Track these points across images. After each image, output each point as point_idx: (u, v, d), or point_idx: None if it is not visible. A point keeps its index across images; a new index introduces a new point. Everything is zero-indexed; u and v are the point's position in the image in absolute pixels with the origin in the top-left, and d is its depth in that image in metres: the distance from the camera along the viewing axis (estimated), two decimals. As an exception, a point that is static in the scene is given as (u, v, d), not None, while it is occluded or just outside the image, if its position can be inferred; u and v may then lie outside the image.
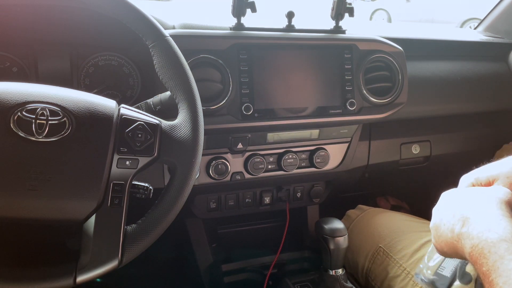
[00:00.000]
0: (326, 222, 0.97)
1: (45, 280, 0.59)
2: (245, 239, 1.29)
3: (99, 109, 0.62)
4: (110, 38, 0.97)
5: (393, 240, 1.01)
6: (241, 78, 0.92)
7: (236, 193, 1.13)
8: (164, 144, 0.65)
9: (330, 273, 0.97)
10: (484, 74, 1.35)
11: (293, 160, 1.06)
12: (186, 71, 0.70)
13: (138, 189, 0.66)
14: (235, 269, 1.16)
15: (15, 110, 0.58)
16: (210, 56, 0.90)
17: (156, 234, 0.64)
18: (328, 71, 1.00)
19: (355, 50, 1.02)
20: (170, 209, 0.64)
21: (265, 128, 0.99)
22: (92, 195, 0.60)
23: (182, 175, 0.65)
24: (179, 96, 0.69)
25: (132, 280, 1.28)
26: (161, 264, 1.40)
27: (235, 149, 1.01)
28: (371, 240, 1.05)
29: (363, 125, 1.16)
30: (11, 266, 0.60)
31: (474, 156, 1.42)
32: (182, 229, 1.22)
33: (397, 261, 0.96)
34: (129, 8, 0.69)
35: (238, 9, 0.95)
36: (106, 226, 0.61)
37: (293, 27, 1.00)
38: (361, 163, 1.22)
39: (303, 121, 0.99)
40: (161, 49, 0.69)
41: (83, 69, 0.98)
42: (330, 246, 0.95)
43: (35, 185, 0.57)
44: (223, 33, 0.94)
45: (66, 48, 0.96)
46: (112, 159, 0.61)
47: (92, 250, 0.60)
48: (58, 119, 0.59)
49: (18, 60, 0.94)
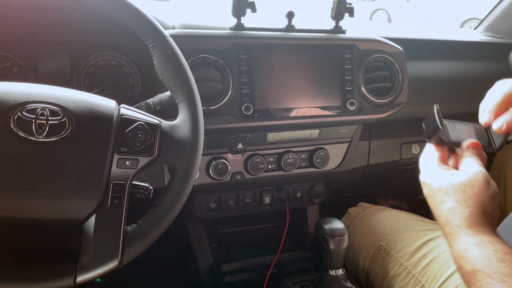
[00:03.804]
0: (326, 222, 0.97)
1: (45, 280, 0.59)
2: (245, 239, 1.29)
3: (99, 109, 0.62)
4: (110, 38, 0.97)
5: (394, 239, 1.01)
6: (241, 78, 0.92)
7: (236, 193, 1.13)
8: (164, 144, 0.65)
9: (330, 273, 0.97)
10: (484, 74, 1.35)
11: (293, 160, 1.06)
12: (186, 71, 0.70)
13: (138, 189, 0.66)
14: (235, 269, 1.16)
15: (15, 110, 0.58)
16: (210, 56, 0.90)
17: (156, 234, 0.64)
18: (328, 71, 1.00)
19: (355, 50, 1.02)
20: (170, 209, 0.65)
21: (265, 128, 0.99)
22: (92, 195, 0.60)
23: (182, 175, 0.65)
24: (179, 96, 0.69)
25: (132, 280, 1.28)
26: (161, 264, 1.40)
27: (235, 149, 1.01)
28: (372, 239, 1.05)
29: (363, 125, 1.16)
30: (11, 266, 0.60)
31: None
32: (182, 229, 1.22)
33: (398, 260, 0.96)
34: (129, 8, 0.69)
35: (238, 9, 0.95)
36: (106, 226, 0.61)
37: (293, 27, 1.00)
38: (361, 163, 1.21)
39: (303, 121, 0.99)
40: (161, 49, 0.69)
41: (83, 69, 0.98)
42: (330, 246, 0.95)
43: (35, 185, 0.57)
44: (223, 33, 0.94)
45: (66, 48, 0.96)
46: (112, 159, 0.61)
47: (92, 250, 0.60)
48: (58, 119, 0.59)
49: (18, 60, 0.94)
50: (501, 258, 0.52)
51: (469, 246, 0.55)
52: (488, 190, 0.58)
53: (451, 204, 0.59)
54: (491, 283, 0.50)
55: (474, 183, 0.58)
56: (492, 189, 0.59)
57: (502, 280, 0.50)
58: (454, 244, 0.57)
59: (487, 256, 0.53)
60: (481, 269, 0.52)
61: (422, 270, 0.91)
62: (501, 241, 0.55)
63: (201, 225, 1.22)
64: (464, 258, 0.55)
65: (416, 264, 0.92)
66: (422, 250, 0.94)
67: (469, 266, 0.54)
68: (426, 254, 0.93)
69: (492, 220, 0.58)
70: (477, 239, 0.55)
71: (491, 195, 0.58)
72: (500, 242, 0.55)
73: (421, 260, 0.92)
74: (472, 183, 0.58)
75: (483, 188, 0.58)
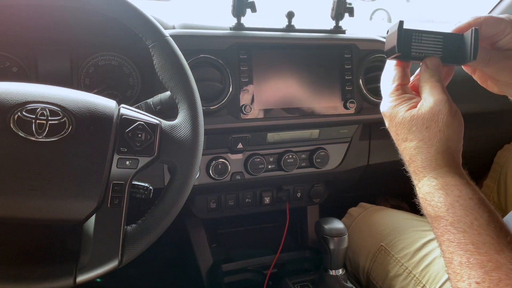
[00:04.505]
0: (326, 222, 0.97)
1: (45, 280, 0.59)
2: (245, 239, 1.29)
3: (99, 109, 0.62)
4: (110, 38, 0.97)
5: (394, 239, 1.01)
6: (241, 78, 0.92)
7: (236, 193, 1.13)
8: (164, 144, 0.65)
9: (330, 273, 0.97)
10: (484, 74, 1.34)
11: (293, 160, 1.06)
12: (186, 71, 0.70)
13: (138, 189, 0.66)
14: (235, 269, 1.16)
15: (15, 110, 0.58)
16: (210, 56, 0.90)
17: (156, 234, 0.64)
18: (328, 71, 1.00)
19: (355, 50, 1.02)
20: (170, 209, 0.64)
21: (265, 128, 0.99)
22: (92, 195, 0.59)
23: (182, 175, 0.65)
24: (179, 96, 0.69)
25: (132, 280, 1.28)
26: (161, 264, 1.40)
27: (235, 149, 1.01)
28: (373, 239, 1.05)
29: (363, 125, 1.16)
30: (11, 266, 0.60)
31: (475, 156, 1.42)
32: (182, 229, 1.22)
33: (399, 260, 0.96)
34: (129, 8, 0.69)
35: (238, 9, 0.95)
36: (106, 226, 0.61)
37: (293, 27, 1.00)
38: (361, 163, 1.21)
39: (303, 121, 0.99)
40: (161, 49, 0.69)
41: (83, 69, 0.98)
42: (330, 246, 0.95)
43: (35, 185, 0.57)
44: (223, 33, 0.94)
45: (66, 48, 0.96)
46: (112, 159, 0.61)
47: (92, 250, 0.60)
48: (58, 119, 0.59)
49: (18, 60, 0.94)
50: (465, 205, 0.50)
51: (433, 190, 0.53)
52: (452, 124, 0.54)
53: (415, 143, 0.56)
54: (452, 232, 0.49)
55: (438, 117, 0.54)
56: (456, 120, 0.55)
57: (463, 230, 0.49)
58: (419, 185, 0.55)
59: (451, 202, 0.51)
60: (444, 216, 0.51)
61: (423, 271, 0.91)
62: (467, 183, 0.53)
63: (201, 225, 1.22)
64: (428, 202, 0.53)
65: (417, 265, 0.92)
66: (423, 251, 0.94)
67: (433, 211, 0.52)
68: (427, 254, 0.93)
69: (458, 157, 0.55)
70: (442, 183, 0.52)
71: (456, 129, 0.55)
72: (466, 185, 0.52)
73: (422, 261, 0.92)
74: (436, 118, 0.54)
75: (447, 123, 0.54)
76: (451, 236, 0.49)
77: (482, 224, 0.48)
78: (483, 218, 0.49)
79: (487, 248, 0.47)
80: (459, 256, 0.48)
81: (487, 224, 0.48)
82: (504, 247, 0.46)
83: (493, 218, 0.49)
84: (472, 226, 0.48)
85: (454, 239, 0.49)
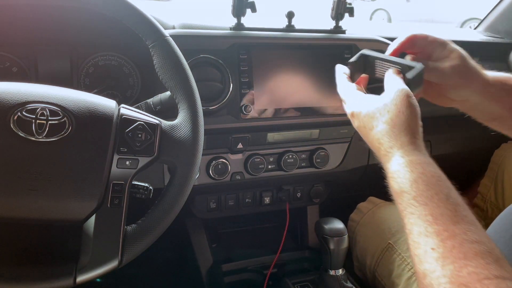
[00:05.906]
0: (326, 222, 0.97)
1: (45, 280, 0.59)
2: (245, 239, 1.29)
3: (99, 109, 0.62)
4: (110, 38, 0.97)
5: (402, 237, 1.01)
6: (241, 78, 0.93)
7: (236, 193, 1.13)
8: (164, 144, 0.65)
9: (330, 273, 0.97)
10: (484, 74, 1.34)
11: (293, 160, 1.06)
12: (186, 71, 0.70)
13: (138, 189, 0.66)
14: (235, 269, 1.16)
15: (15, 110, 0.58)
16: (210, 56, 0.90)
17: (156, 234, 0.64)
18: (328, 71, 0.99)
19: (355, 50, 1.02)
20: (170, 209, 0.65)
21: (265, 128, 0.99)
22: (92, 195, 0.59)
23: (182, 175, 0.65)
24: (179, 96, 0.69)
25: (132, 280, 1.28)
26: (161, 264, 1.40)
27: (235, 149, 1.01)
28: (381, 236, 1.05)
29: (363, 125, 1.15)
30: (11, 266, 0.60)
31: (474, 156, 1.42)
32: (182, 229, 1.22)
33: (405, 259, 0.96)
34: (129, 8, 0.69)
35: (238, 9, 0.95)
36: (106, 226, 0.61)
37: (293, 27, 1.00)
38: (361, 163, 1.21)
39: (303, 120, 0.99)
40: (161, 49, 0.69)
41: (83, 69, 0.98)
42: (330, 246, 0.95)
43: (35, 185, 0.57)
44: (223, 33, 0.94)
45: (66, 48, 0.96)
46: (112, 159, 0.61)
47: (92, 250, 0.60)
48: (58, 119, 0.59)
49: (18, 60, 0.94)
50: (427, 181, 0.54)
51: (400, 167, 0.56)
52: (410, 106, 0.60)
53: (380, 126, 0.61)
54: (415, 205, 0.53)
55: (397, 101, 0.60)
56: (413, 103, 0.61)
57: (425, 203, 0.52)
58: (388, 165, 0.59)
59: (415, 178, 0.54)
60: (408, 191, 0.54)
61: None
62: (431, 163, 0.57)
63: (201, 225, 1.22)
64: (394, 179, 0.57)
65: None
66: None
67: (398, 187, 0.56)
68: None
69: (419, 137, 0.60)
70: (408, 161, 0.56)
71: (414, 111, 0.60)
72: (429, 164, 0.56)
73: None
74: (396, 101, 0.60)
75: (405, 105, 0.60)
76: (413, 209, 0.53)
77: (441, 198, 0.52)
78: (443, 193, 0.53)
79: (445, 220, 0.50)
80: (418, 227, 0.52)
81: (446, 199, 0.52)
82: (460, 219, 0.50)
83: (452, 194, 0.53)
84: (432, 199, 0.52)
85: (415, 211, 0.53)
